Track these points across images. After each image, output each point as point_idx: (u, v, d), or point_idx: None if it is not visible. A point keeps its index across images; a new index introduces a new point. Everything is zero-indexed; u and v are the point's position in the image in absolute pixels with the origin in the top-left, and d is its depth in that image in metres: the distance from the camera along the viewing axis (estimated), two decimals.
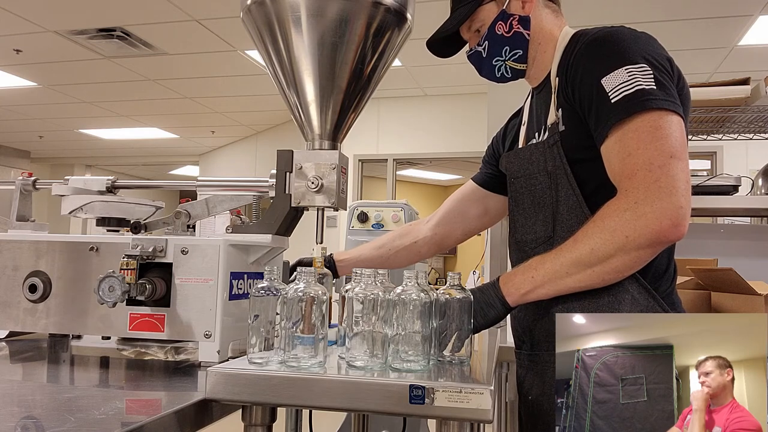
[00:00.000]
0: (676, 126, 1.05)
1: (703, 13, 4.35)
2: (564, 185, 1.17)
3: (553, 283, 1.07)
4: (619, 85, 1.06)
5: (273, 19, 1.30)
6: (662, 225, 0.99)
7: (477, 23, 1.30)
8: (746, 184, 2.26)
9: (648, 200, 1.00)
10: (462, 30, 1.34)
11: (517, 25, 1.26)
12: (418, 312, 1.00)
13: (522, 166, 1.26)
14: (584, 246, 1.05)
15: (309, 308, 1.00)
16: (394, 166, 6.97)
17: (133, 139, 9.08)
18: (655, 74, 1.06)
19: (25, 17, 4.63)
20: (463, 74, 5.88)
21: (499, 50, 1.29)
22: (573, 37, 1.21)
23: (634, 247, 1.01)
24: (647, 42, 1.12)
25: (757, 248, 2.20)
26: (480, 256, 3.42)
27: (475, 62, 1.36)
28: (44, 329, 1.29)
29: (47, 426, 0.78)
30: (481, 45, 1.31)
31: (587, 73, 1.12)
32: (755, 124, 2.33)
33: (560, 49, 1.22)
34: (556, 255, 1.08)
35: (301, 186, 1.33)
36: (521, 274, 1.11)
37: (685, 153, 1.04)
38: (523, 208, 1.26)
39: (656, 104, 1.04)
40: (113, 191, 1.53)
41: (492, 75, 1.34)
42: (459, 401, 0.88)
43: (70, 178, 1.55)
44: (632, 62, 1.07)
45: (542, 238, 1.21)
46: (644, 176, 1.02)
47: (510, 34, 1.27)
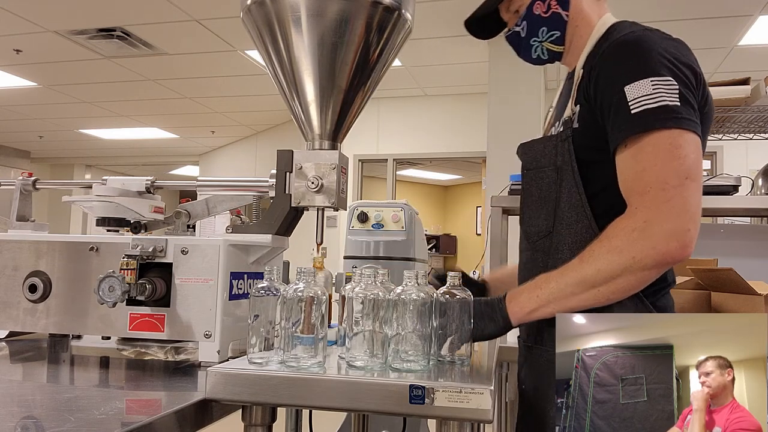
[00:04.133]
0: (694, 146, 1.04)
1: (703, 13, 4.35)
2: (569, 182, 1.16)
3: (558, 302, 1.06)
4: (642, 97, 1.04)
5: (273, 19, 1.30)
6: (669, 247, 0.99)
7: (516, 3, 1.28)
8: (746, 184, 2.26)
9: (658, 221, 1.00)
10: (501, 10, 1.33)
11: (556, 5, 1.24)
12: (418, 312, 1.00)
13: (534, 158, 1.26)
14: (590, 266, 1.04)
15: (309, 308, 1.00)
16: (394, 166, 6.97)
17: (133, 139, 9.08)
18: (680, 89, 1.04)
19: (25, 17, 4.63)
20: (463, 74, 5.88)
21: (536, 31, 1.27)
22: (609, 29, 1.19)
23: (640, 267, 1.01)
24: (678, 51, 1.10)
25: (757, 248, 2.20)
26: (480, 256, 3.42)
27: (513, 43, 1.33)
28: (44, 329, 1.29)
29: (47, 426, 0.78)
30: (519, 25, 1.29)
31: (610, 77, 1.10)
32: (755, 124, 2.33)
33: (594, 38, 1.20)
34: (561, 274, 1.07)
35: (301, 186, 1.33)
36: (527, 293, 1.10)
37: (699, 174, 1.03)
38: (531, 200, 1.26)
39: (678, 123, 1.02)
40: (152, 191, 1.53)
41: (528, 56, 1.32)
42: (459, 401, 0.88)
43: (108, 179, 1.53)
44: (658, 74, 1.05)
45: (543, 231, 1.21)
46: (657, 195, 1.01)
47: (548, 15, 1.25)
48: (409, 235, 2.34)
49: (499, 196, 2.18)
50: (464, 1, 4.35)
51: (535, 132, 4.91)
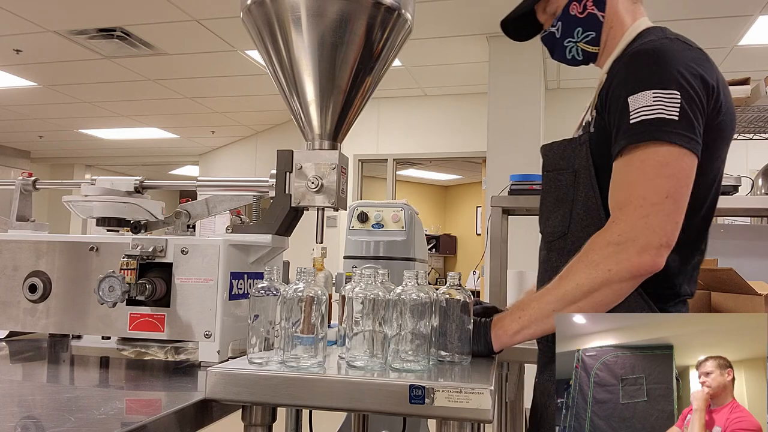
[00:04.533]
0: (683, 164, 1.04)
1: (703, 13, 4.35)
2: (585, 185, 1.17)
3: (540, 322, 1.07)
4: (642, 107, 1.05)
5: (273, 19, 1.30)
6: (642, 260, 1.01)
7: (552, 4, 1.29)
8: (746, 184, 2.26)
9: (632, 235, 1.02)
10: (537, 12, 1.33)
11: (592, 5, 1.24)
12: (418, 312, 1.00)
13: (554, 160, 1.26)
14: (570, 282, 1.05)
15: (308, 308, 1.00)
16: (394, 166, 6.97)
17: (133, 139, 9.08)
18: (683, 103, 1.04)
19: (25, 17, 4.63)
20: (463, 74, 5.88)
21: (572, 31, 1.27)
22: (639, 34, 1.19)
23: (617, 279, 1.02)
24: (694, 62, 1.09)
25: (757, 248, 2.20)
26: (480, 256, 3.42)
27: (548, 43, 1.33)
28: (44, 329, 1.29)
29: (47, 426, 0.78)
30: (555, 26, 1.29)
31: (620, 86, 1.10)
32: (755, 124, 2.33)
33: (623, 43, 1.20)
34: (543, 294, 1.08)
35: (301, 186, 1.33)
36: (510, 316, 1.11)
37: (682, 194, 1.04)
38: (549, 201, 1.27)
39: (670, 137, 1.02)
40: (141, 191, 1.53)
41: (563, 57, 1.32)
42: (459, 401, 0.88)
43: (97, 179, 1.53)
44: (662, 86, 1.05)
45: (559, 232, 1.22)
46: (635, 211, 1.03)
47: (584, 15, 1.25)
48: (409, 235, 2.34)
49: (499, 196, 2.19)
50: (464, 1, 4.36)
51: (536, 132, 4.93)
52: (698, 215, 1.14)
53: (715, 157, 1.13)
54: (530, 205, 2.13)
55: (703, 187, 1.12)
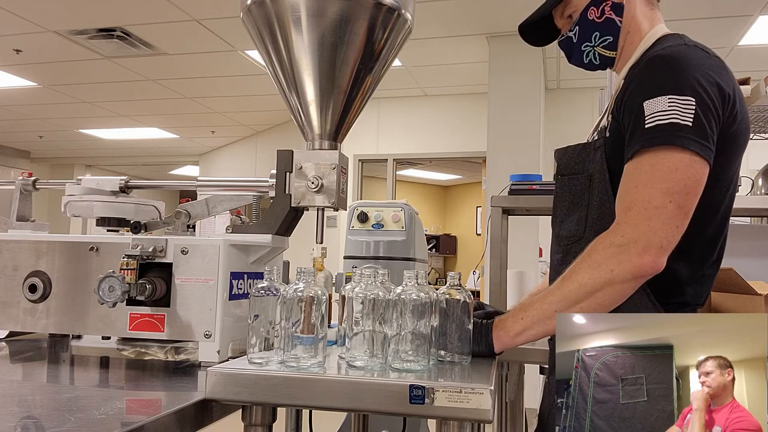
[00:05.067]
0: (693, 171, 1.04)
1: (703, 13, 4.35)
2: (600, 190, 1.17)
3: (543, 322, 1.07)
4: (657, 113, 1.05)
5: (273, 19, 1.30)
6: (643, 261, 1.02)
7: (570, 9, 1.28)
8: (746, 184, 2.26)
9: (635, 237, 1.02)
10: (555, 16, 1.33)
11: (610, 10, 1.24)
12: (418, 312, 1.00)
13: (569, 164, 1.26)
14: (572, 282, 1.05)
15: (308, 308, 1.00)
16: (394, 166, 6.97)
17: (133, 139, 9.08)
18: (697, 110, 1.04)
19: (25, 17, 4.63)
20: (463, 74, 5.88)
21: (589, 36, 1.27)
22: (657, 41, 1.19)
23: (619, 280, 1.03)
24: (711, 70, 1.08)
25: (757, 248, 2.20)
26: (480, 256, 3.42)
27: (565, 48, 1.33)
28: (44, 329, 1.29)
29: (47, 426, 0.78)
30: (572, 30, 1.29)
31: (636, 91, 1.11)
32: (755, 124, 2.33)
33: (641, 49, 1.20)
34: (546, 294, 1.08)
35: (301, 186, 1.33)
36: (512, 317, 1.11)
37: (689, 200, 1.04)
38: (563, 205, 1.27)
39: (682, 143, 1.03)
40: (126, 191, 1.53)
41: (581, 62, 1.32)
42: (459, 401, 0.88)
43: (82, 179, 1.53)
44: (678, 92, 1.05)
45: (575, 236, 1.23)
46: (639, 213, 1.03)
47: (601, 20, 1.25)
48: (409, 235, 2.34)
49: (499, 196, 2.18)
50: (464, 1, 4.36)
51: (535, 132, 4.93)
52: (711, 224, 1.13)
53: (729, 166, 1.13)
54: (530, 205, 2.12)
55: (717, 195, 1.12)
